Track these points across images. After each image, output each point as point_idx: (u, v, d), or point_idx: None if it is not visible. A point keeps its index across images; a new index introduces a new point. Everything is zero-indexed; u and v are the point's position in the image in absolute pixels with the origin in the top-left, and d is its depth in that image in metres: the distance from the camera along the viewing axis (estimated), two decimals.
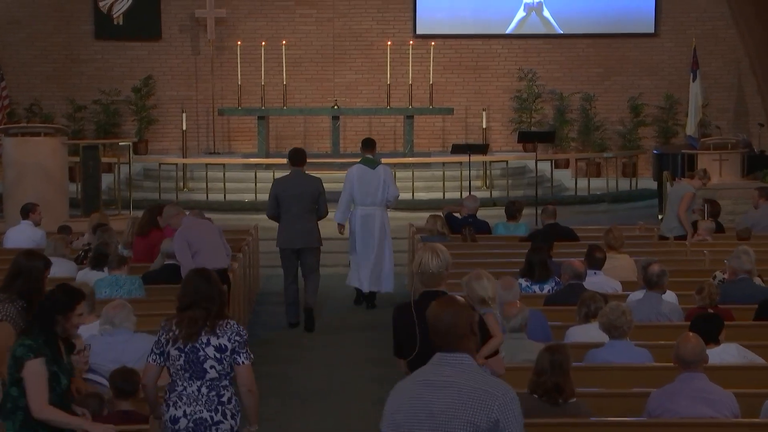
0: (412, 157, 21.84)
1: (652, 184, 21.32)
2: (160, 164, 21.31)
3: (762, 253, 11.81)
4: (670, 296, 9.73)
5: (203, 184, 20.73)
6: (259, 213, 17.71)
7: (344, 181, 14.13)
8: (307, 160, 13.47)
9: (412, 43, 23.30)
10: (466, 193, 18.24)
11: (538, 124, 24.18)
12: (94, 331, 7.89)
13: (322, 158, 21.48)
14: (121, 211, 17.76)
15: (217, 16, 23.63)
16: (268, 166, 20.70)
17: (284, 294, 13.18)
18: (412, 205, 19.58)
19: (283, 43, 22.84)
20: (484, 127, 23.06)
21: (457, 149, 20.03)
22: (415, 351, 5.99)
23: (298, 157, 13.23)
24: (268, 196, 13.34)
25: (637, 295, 9.60)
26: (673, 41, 24.42)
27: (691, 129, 22.56)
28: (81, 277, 10.25)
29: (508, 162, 21.70)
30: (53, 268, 8.15)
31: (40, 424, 6.19)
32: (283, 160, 19.78)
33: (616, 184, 22.10)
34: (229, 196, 20.42)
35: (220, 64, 23.96)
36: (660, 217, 19.22)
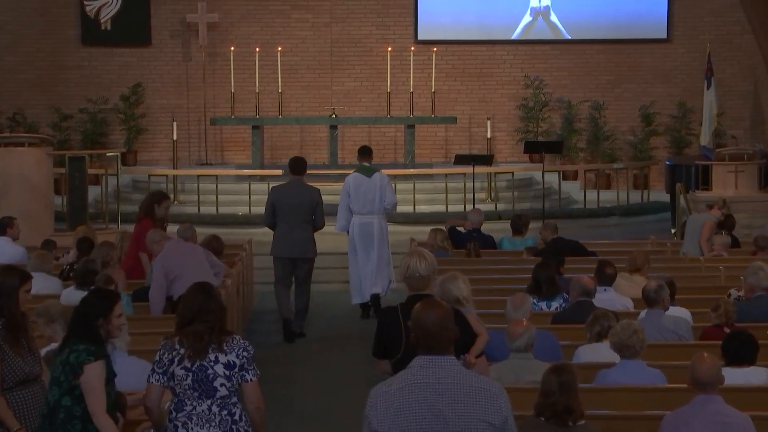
0: (414, 168, 21.83)
1: (665, 197, 21.31)
2: (150, 176, 21.32)
3: None
4: (682, 312, 9.73)
5: (195, 197, 20.72)
6: (253, 227, 17.72)
7: (341, 191, 14.48)
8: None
9: (413, 49, 23.32)
10: (469, 206, 18.26)
11: (545, 134, 24.19)
12: None
13: (319, 169, 21.46)
14: (109, 224, 17.73)
15: (209, 20, 23.65)
16: (263, 178, 20.70)
17: (276, 296, 13.43)
18: (413, 219, 19.57)
19: (279, 49, 22.86)
20: (489, 136, 23.07)
21: (461, 160, 20.02)
22: (400, 352, 6.48)
23: (298, 166, 13.57)
24: (264, 207, 13.59)
25: (642, 315, 9.59)
26: (687, 47, 24.44)
27: (705, 139, 22.56)
28: (66, 297, 10.20)
29: (513, 173, 21.70)
30: (36, 284, 8.11)
31: None
32: (279, 172, 19.83)
33: (627, 196, 22.09)
34: (222, 210, 20.40)
35: (213, 71, 23.98)
36: (673, 231, 19.23)
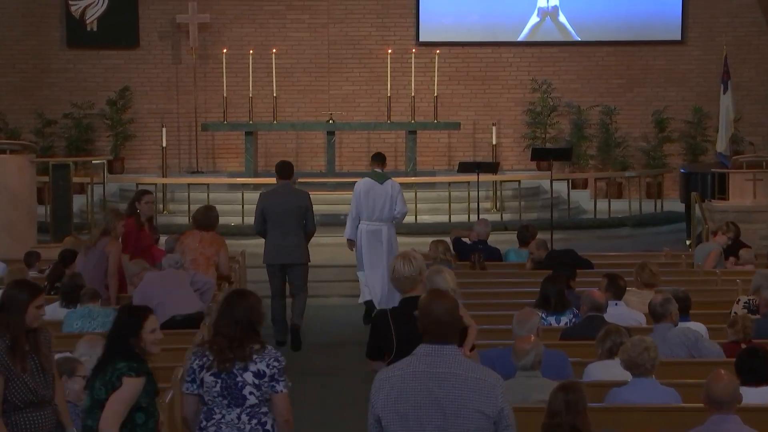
0: (415, 176, 21.83)
1: (679, 207, 21.31)
2: (138, 184, 21.22)
3: None
4: (698, 328, 9.75)
5: (185, 206, 20.70)
6: (246, 238, 17.72)
7: (352, 196, 14.85)
8: (300, 180, 13.79)
9: (414, 51, 23.36)
10: (473, 216, 18.28)
11: (553, 140, 24.21)
12: None
13: (315, 178, 21.50)
14: None
15: (200, 21, 23.68)
16: (256, 187, 20.68)
17: (271, 311, 13.53)
18: (415, 230, 19.56)
19: (273, 51, 22.89)
20: (494, 143, 23.08)
21: (465, 168, 20.04)
22: (392, 354, 7.05)
23: (285, 170, 13.99)
24: (254, 212, 13.87)
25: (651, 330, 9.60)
26: (702, 49, 24.48)
27: (721, 145, 22.54)
28: (50, 313, 10.20)
29: (520, 182, 21.71)
30: None
31: None
32: (273, 180, 19.80)
33: (640, 206, 22.09)
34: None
35: (204, 74, 24.01)
36: (688, 242, 19.24)
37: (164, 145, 22.74)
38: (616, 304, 10.45)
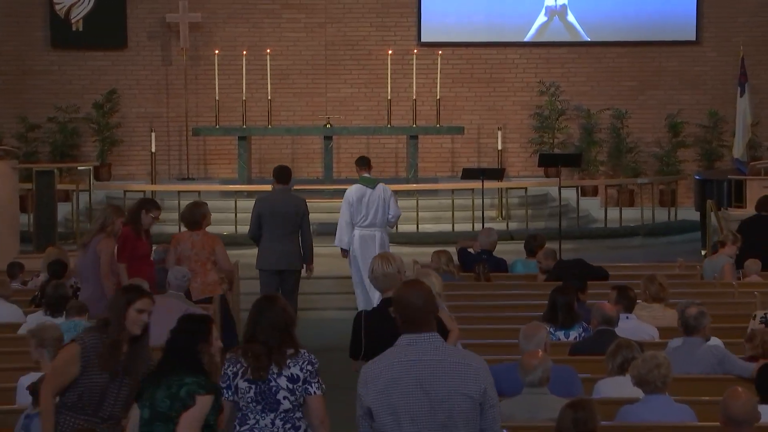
0: (417, 183, 21.85)
1: (694, 215, 21.33)
2: (126, 192, 21.28)
3: None
4: (715, 342, 9.73)
5: (175, 215, 20.67)
6: (240, 248, 17.70)
7: (342, 204, 14.99)
8: (296, 187, 13.85)
9: (416, 52, 23.37)
10: (478, 225, 18.28)
11: (561, 146, 24.23)
12: None
13: (312, 185, 21.50)
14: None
15: (191, 21, 23.69)
16: (250, 194, 20.67)
17: None
18: (416, 239, 19.57)
19: (268, 51, 22.91)
20: (500, 148, 23.11)
21: (469, 174, 20.05)
22: (371, 351, 7.21)
23: (284, 175, 14.18)
24: (249, 218, 14.11)
25: (676, 342, 9.59)
26: (718, 50, 24.50)
27: (738, 151, 22.60)
28: (33, 322, 10.20)
29: (527, 189, 21.72)
30: None
31: None
32: (268, 187, 19.78)
33: (652, 214, 22.10)
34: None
35: (195, 76, 24.04)
36: (703, 252, 19.23)
37: (153, 150, 22.76)
38: (627, 317, 10.44)
